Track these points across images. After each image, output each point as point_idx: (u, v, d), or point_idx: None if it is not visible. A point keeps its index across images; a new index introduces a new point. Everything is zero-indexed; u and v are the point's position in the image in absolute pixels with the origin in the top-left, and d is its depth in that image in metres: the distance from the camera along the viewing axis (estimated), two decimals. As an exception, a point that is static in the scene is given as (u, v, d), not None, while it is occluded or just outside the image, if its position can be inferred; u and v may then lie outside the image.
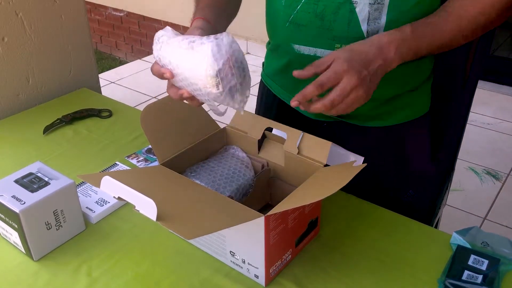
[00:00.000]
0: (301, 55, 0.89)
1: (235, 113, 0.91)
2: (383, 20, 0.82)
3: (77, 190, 0.88)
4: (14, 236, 0.81)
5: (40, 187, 0.80)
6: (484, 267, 0.75)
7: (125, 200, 0.65)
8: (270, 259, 0.74)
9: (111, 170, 1.03)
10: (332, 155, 0.83)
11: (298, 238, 0.79)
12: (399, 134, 0.97)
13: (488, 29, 0.84)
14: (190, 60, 0.69)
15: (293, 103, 0.73)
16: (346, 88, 0.71)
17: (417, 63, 0.89)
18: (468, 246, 0.80)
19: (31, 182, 0.81)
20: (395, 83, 0.90)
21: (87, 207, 0.90)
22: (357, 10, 0.82)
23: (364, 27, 0.83)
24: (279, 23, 0.91)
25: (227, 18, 0.94)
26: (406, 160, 1.00)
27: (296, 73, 0.76)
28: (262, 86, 1.11)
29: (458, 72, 1.08)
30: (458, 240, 0.81)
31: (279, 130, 0.86)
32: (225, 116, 0.91)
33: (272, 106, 1.07)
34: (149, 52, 4.20)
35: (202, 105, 0.79)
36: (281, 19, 0.90)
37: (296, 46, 0.89)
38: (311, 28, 0.86)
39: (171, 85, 0.75)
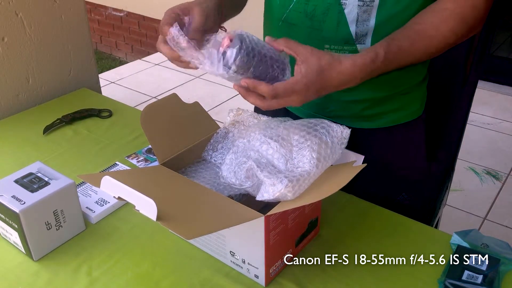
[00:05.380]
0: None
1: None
2: (372, 22, 0.82)
3: (77, 190, 0.88)
4: (14, 236, 0.81)
5: (40, 187, 0.80)
6: (484, 267, 0.75)
7: (125, 200, 0.65)
8: (270, 259, 0.74)
9: (111, 170, 1.03)
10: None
11: (298, 238, 0.79)
12: (391, 137, 0.97)
13: (456, 44, 0.82)
14: None
15: (239, 84, 0.72)
16: (291, 90, 0.71)
17: (410, 67, 0.89)
18: (468, 246, 0.80)
19: (31, 182, 0.81)
20: (387, 85, 0.90)
21: (87, 207, 0.90)
22: (345, 11, 0.82)
23: (352, 29, 0.83)
24: (273, 21, 0.91)
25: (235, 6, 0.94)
26: (399, 163, 0.99)
27: (268, 39, 0.75)
28: None
29: (458, 72, 1.08)
30: (458, 240, 0.81)
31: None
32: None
33: None
34: (149, 52, 4.20)
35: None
36: (275, 17, 0.90)
37: None
38: (302, 28, 0.86)
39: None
